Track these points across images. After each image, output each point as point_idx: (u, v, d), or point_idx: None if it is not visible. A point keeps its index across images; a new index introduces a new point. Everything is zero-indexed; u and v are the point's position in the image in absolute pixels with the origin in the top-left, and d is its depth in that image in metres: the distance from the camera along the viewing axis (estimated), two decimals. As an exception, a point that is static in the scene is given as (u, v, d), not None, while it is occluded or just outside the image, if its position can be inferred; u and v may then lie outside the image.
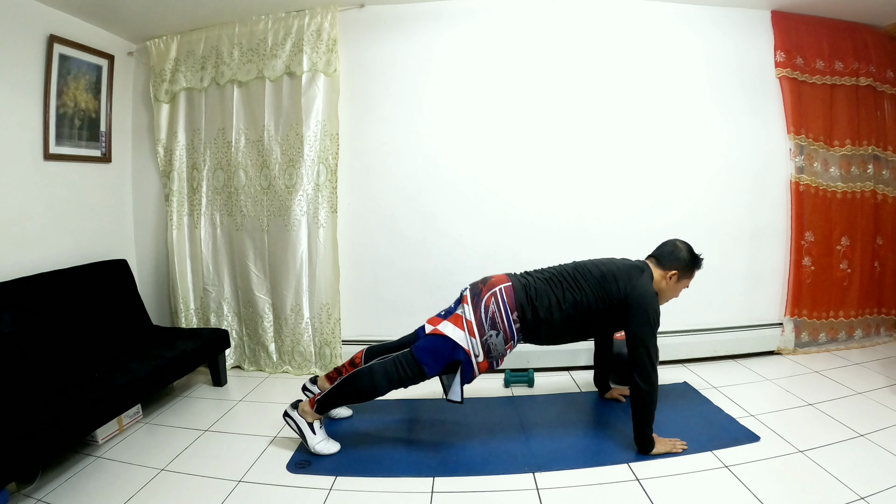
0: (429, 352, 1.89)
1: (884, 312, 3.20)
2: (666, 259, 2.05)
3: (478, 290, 1.95)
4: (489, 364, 1.91)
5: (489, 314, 1.87)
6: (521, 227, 2.88)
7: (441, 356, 1.87)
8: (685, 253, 2.05)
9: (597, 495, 1.70)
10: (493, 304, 1.89)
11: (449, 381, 1.93)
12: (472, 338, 1.87)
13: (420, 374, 1.88)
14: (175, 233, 3.02)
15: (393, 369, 1.89)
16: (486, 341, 1.87)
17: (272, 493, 1.77)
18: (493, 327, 1.87)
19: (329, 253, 2.87)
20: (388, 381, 1.89)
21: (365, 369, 1.96)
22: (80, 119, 2.73)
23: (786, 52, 2.91)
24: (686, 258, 2.04)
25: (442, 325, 1.93)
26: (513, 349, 1.96)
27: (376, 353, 2.14)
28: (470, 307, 1.91)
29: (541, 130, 2.85)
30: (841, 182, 3.01)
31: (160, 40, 2.98)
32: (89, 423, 1.93)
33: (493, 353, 1.89)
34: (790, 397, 2.40)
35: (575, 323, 1.95)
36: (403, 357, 1.91)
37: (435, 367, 1.88)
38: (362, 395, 1.94)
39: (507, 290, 1.91)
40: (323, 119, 2.83)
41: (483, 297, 1.91)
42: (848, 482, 1.67)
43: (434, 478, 1.82)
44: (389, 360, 1.93)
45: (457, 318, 1.92)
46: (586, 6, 2.84)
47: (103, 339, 2.48)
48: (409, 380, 1.89)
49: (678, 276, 2.04)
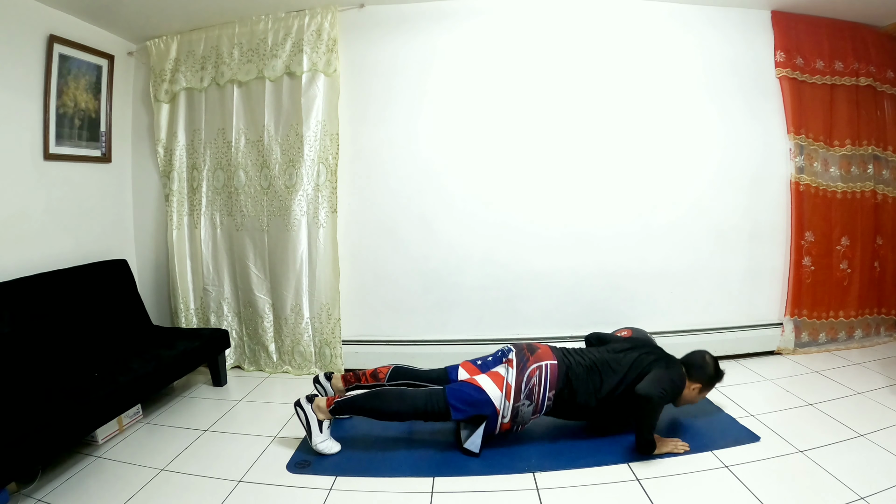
0: (461, 398, 1.92)
1: (884, 312, 3.20)
2: (693, 371, 2.07)
3: (524, 357, 1.99)
4: (511, 427, 1.96)
5: (530, 385, 1.92)
6: (520, 228, 2.88)
7: (471, 406, 1.91)
8: (711, 369, 2.08)
9: (597, 495, 1.70)
10: (535, 377, 1.94)
11: (468, 430, 1.96)
12: (507, 401, 1.91)
13: (445, 414, 1.91)
14: (175, 233, 3.02)
15: (422, 402, 1.92)
16: (517, 408, 1.92)
17: (272, 493, 1.77)
18: (529, 398, 1.93)
19: (329, 253, 2.87)
20: (413, 412, 1.93)
21: (395, 392, 1.99)
22: (80, 119, 2.73)
23: (786, 52, 2.91)
24: (711, 374, 2.08)
25: (481, 377, 1.97)
26: (536, 420, 2.01)
27: (403, 375, 2.15)
28: (514, 372, 1.94)
29: (540, 132, 2.85)
30: (841, 182, 3.01)
31: (160, 40, 2.98)
32: (89, 422, 1.93)
33: (518, 419, 1.94)
34: (790, 397, 2.40)
35: (606, 411, 2.00)
36: (436, 394, 1.94)
37: (462, 413, 1.91)
38: (384, 414, 1.96)
39: (553, 368, 1.96)
40: (323, 119, 2.83)
41: (528, 368, 1.95)
42: (848, 482, 1.67)
43: (434, 478, 1.82)
44: (422, 393, 1.96)
45: (497, 377, 1.96)
46: (587, 8, 2.84)
47: (103, 339, 2.48)
48: (433, 416, 1.92)
49: (700, 388, 2.07)
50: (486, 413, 1.91)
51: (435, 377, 2.12)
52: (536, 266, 2.88)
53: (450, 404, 1.90)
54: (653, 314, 2.86)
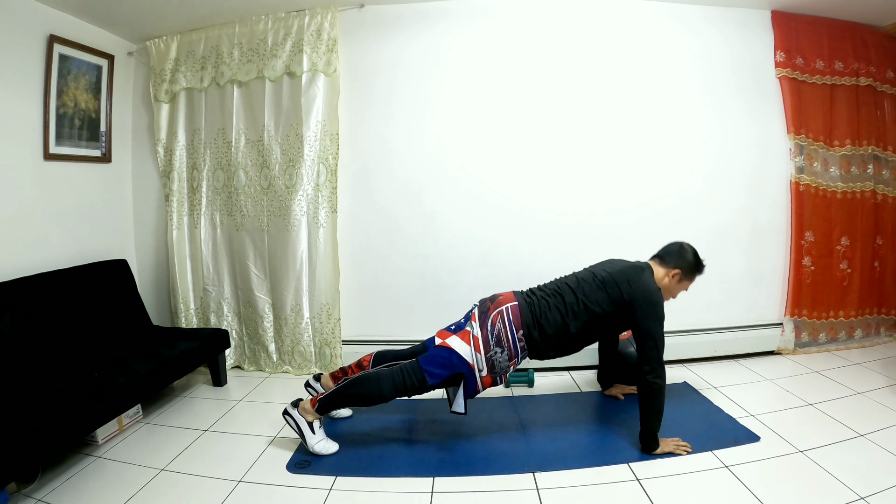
0: (433, 362, 1.93)
1: (884, 312, 3.20)
2: (670, 258, 2.08)
3: (485, 307, 2.01)
4: (493, 379, 1.96)
5: (495, 332, 1.93)
6: (520, 228, 2.88)
7: (444, 367, 1.91)
8: (690, 255, 2.08)
9: (597, 495, 1.70)
10: (499, 322, 1.94)
11: (453, 393, 1.97)
12: (478, 353, 1.91)
13: (423, 383, 1.91)
14: (175, 233, 3.02)
15: (399, 377, 1.93)
16: (490, 357, 1.91)
17: (272, 493, 1.77)
18: (499, 344, 1.92)
19: (329, 253, 2.87)
20: (393, 389, 1.92)
21: (372, 374, 1.99)
22: (80, 119, 2.73)
23: (786, 52, 2.91)
24: (691, 260, 2.08)
25: (450, 338, 1.98)
26: (516, 366, 2.00)
27: (386, 358, 2.17)
28: (477, 324, 1.96)
29: (541, 130, 2.85)
30: (841, 182, 3.01)
31: (160, 40, 2.98)
32: (89, 423, 1.93)
33: (496, 368, 1.93)
34: (790, 397, 2.40)
35: (583, 332, 1.98)
36: (410, 366, 1.95)
37: (437, 377, 1.92)
38: (367, 399, 1.97)
39: (514, 309, 1.96)
40: (323, 119, 2.84)
41: (490, 315, 1.96)
42: (848, 482, 1.67)
43: (434, 478, 1.82)
44: (396, 368, 1.96)
45: (465, 334, 1.97)
46: (587, 7, 2.84)
47: (103, 339, 2.48)
48: (413, 389, 1.93)
49: (680, 275, 2.06)
50: (461, 370, 1.91)
51: (417, 352, 2.12)
52: (537, 266, 2.87)
53: (424, 370, 1.91)
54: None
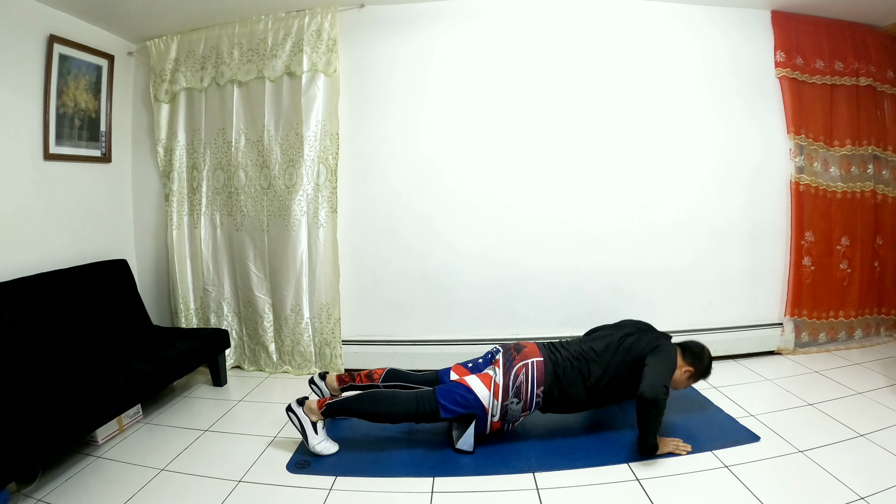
0: (449, 397, 1.94)
1: (884, 312, 3.20)
2: (690, 354, 2.08)
3: (510, 357, 2.01)
4: (501, 426, 1.97)
5: (517, 383, 1.94)
6: (520, 227, 2.88)
7: (460, 405, 1.93)
8: (707, 361, 2.10)
9: (597, 495, 1.70)
10: (522, 375, 1.95)
11: (460, 431, 1.98)
12: (495, 400, 1.93)
13: (435, 414, 1.93)
14: (175, 233, 3.02)
15: (414, 404, 1.94)
16: (506, 406, 1.93)
17: (272, 493, 1.77)
18: (517, 396, 1.94)
19: (329, 253, 2.87)
20: (406, 413, 1.94)
21: (387, 394, 2.01)
22: (80, 119, 2.73)
23: (786, 52, 2.91)
24: (706, 365, 2.09)
25: (470, 378, 1.99)
26: (527, 417, 2.03)
27: (397, 378, 2.18)
28: (501, 371, 1.96)
29: (540, 131, 2.85)
30: (841, 182, 3.01)
31: (160, 40, 2.98)
32: (89, 422, 1.93)
33: (508, 417, 1.95)
34: (790, 397, 2.40)
35: (601, 395, 2.00)
36: (426, 395, 1.96)
37: (450, 413, 1.93)
38: (376, 416, 1.97)
39: (539, 364, 1.97)
40: (323, 119, 2.83)
41: (514, 366, 1.97)
42: (848, 482, 1.67)
43: (434, 478, 1.82)
44: (412, 394, 1.98)
45: (486, 377, 1.98)
46: (586, 7, 2.84)
47: (103, 339, 2.48)
48: (423, 417, 1.94)
49: (691, 373, 2.07)
50: (476, 412, 1.93)
51: (427, 380, 2.14)
52: (536, 266, 2.88)
53: (439, 403, 1.92)
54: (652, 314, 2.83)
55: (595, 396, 2.00)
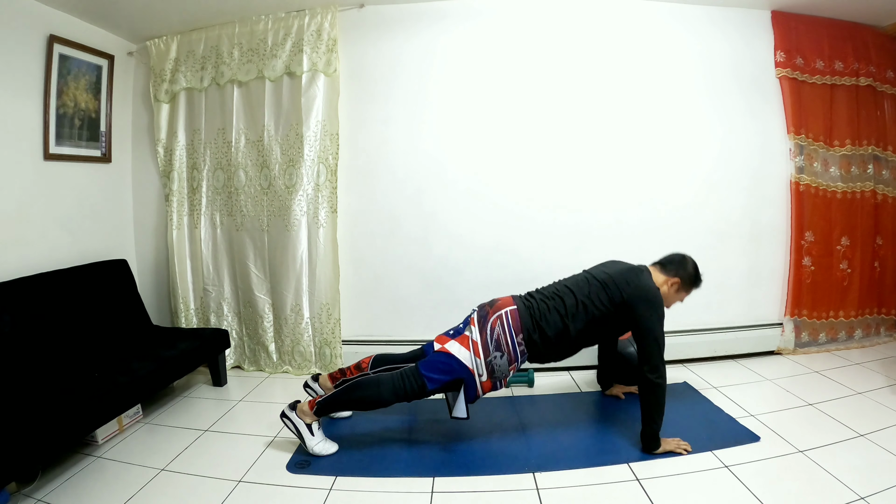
0: (433, 367, 1.93)
1: (884, 312, 3.20)
2: (672, 266, 2.09)
3: (484, 312, 2.01)
4: (493, 384, 1.96)
5: (494, 336, 1.93)
6: (521, 227, 2.88)
7: (444, 372, 1.92)
8: (691, 267, 2.10)
9: (597, 495, 1.70)
10: (498, 326, 1.93)
11: (453, 399, 1.98)
12: (477, 358, 1.91)
13: (422, 388, 1.92)
14: (175, 233, 3.02)
15: (399, 382, 1.93)
16: (490, 362, 1.91)
17: (272, 493, 1.77)
18: (498, 349, 1.92)
19: (329, 253, 2.87)
20: (393, 393, 1.92)
21: (372, 378, 1.99)
22: (80, 119, 2.73)
23: (786, 52, 2.91)
24: (691, 272, 2.10)
25: (449, 343, 1.98)
26: (516, 370, 2.00)
27: (385, 361, 2.17)
28: (476, 329, 1.96)
29: (541, 130, 2.85)
30: (841, 182, 3.01)
31: (160, 40, 2.98)
32: (89, 422, 1.93)
33: (496, 373, 1.93)
34: (790, 397, 2.40)
35: (583, 335, 1.99)
36: (409, 371, 1.95)
37: (436, 382, 1.92)
38: (366, 403, 1.97)
39: (513, 313, 1.96)
40: (323, 119, 2.83)
41: (489, 320, 1.96)
42: (848, 482, 1.67)
43: (434, 478, 1.82)
44: (396, 373, 1.96)
45: (464, 339, 1.97)
46: (586, 6, 2.84)
47: (103, 339, 2.48)
48: (413, 394, 1.93)
49: (679, 285, 2.08)
50: (461, 376, 1.91)
51: (415, 356, 2.12)
52: (537, 265, 2.87)
53: (424, 376, 1.91)
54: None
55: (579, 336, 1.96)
